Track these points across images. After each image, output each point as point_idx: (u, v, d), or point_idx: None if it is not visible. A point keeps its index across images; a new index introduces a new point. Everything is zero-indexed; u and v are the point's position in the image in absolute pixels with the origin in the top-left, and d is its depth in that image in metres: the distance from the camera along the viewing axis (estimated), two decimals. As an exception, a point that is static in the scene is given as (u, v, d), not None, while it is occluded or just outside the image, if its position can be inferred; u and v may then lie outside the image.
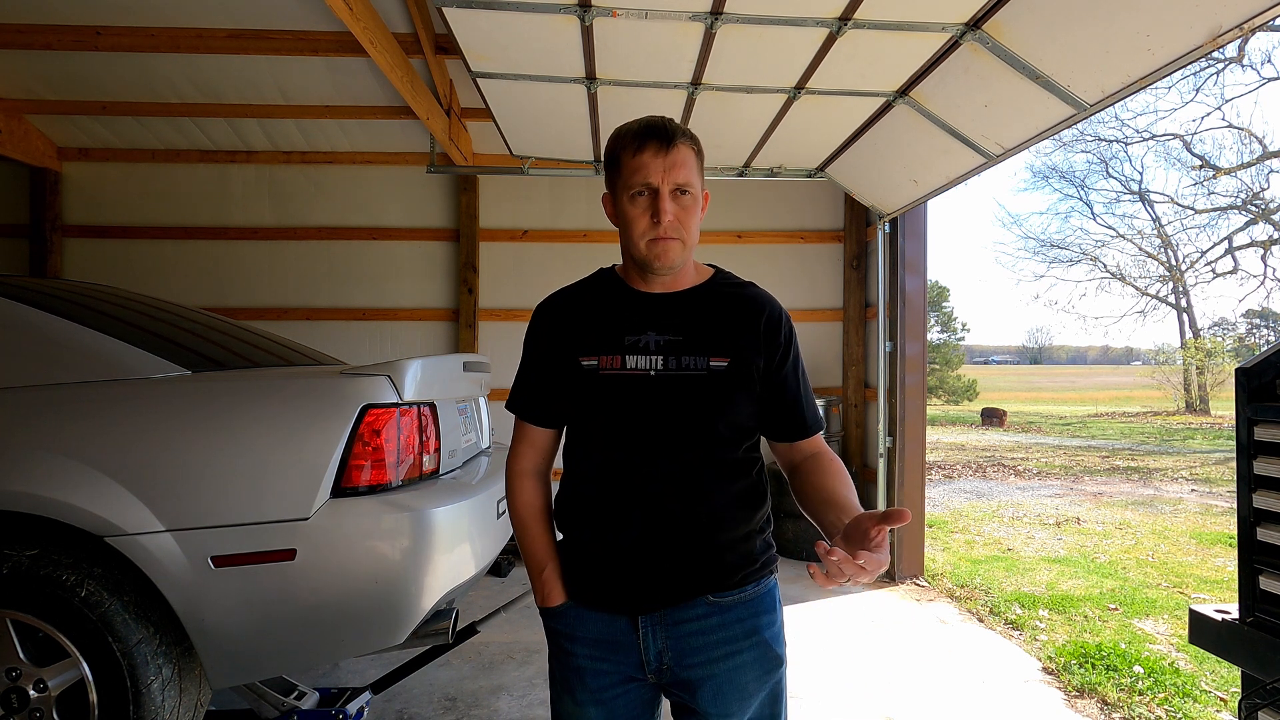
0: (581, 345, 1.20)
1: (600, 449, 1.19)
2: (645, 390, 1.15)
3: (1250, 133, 19.81)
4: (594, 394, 1.18)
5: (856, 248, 5.19)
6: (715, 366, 1.16)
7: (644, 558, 1.16)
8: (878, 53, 2.91)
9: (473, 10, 2.66)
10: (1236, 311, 36.95)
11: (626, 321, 1.19)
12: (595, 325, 1.21)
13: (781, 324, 1.23)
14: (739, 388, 1.17)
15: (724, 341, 1.18)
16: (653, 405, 1.15)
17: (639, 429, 1.16)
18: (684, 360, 1.16)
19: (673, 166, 1.13)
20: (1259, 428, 1.52)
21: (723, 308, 1.21)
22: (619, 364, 1.17)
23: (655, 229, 1.14)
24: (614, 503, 1.17)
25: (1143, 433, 16.02)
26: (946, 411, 21.91)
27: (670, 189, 1.13)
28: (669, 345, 1.17)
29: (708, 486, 1.16)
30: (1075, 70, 2.56)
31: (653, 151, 1.13)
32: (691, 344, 1.17)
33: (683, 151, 1.14)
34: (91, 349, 1.93)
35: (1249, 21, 2.04)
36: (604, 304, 1.23)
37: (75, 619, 1.74)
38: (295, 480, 1.80)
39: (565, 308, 1.25)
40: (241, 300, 5.07)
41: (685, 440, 1.16)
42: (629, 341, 1.18)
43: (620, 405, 1.16)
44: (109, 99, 4.51)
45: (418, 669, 2.42)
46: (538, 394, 1.26)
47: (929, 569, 4.64)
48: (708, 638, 1.16)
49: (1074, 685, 2.97)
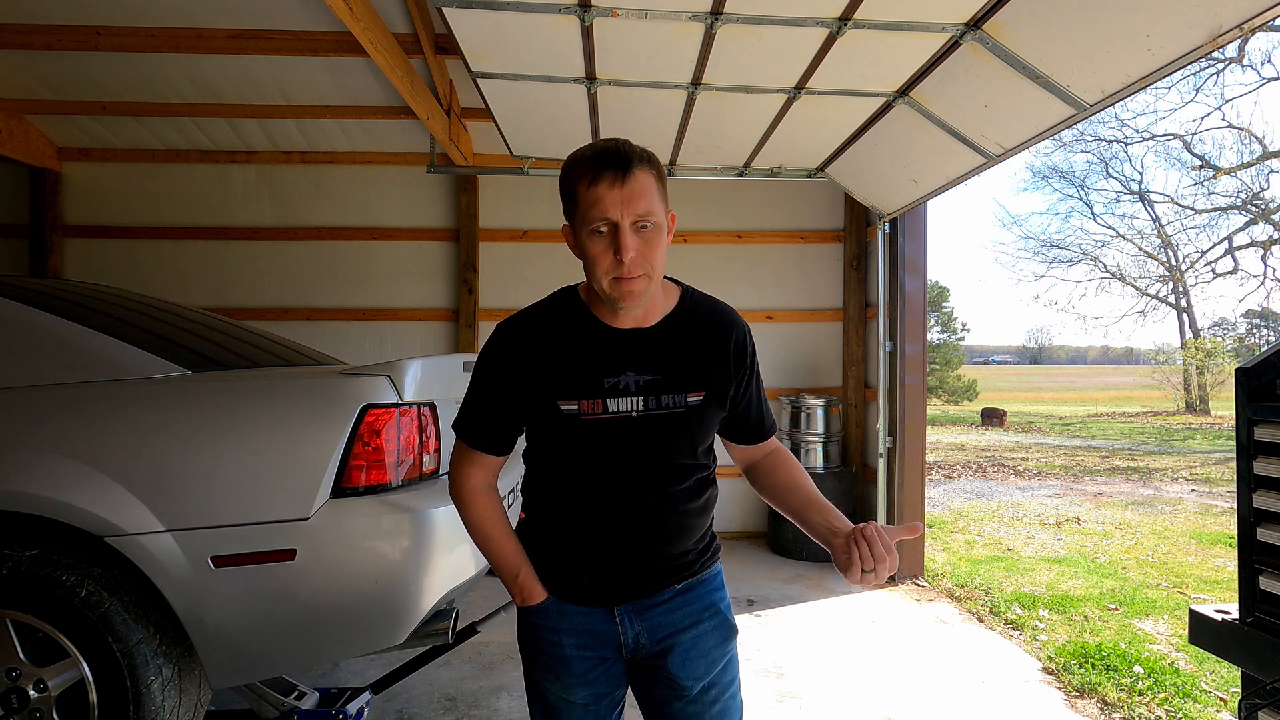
0: (558, 388, 1.18)
1: (582, 481, 1.22)
2: (628, 431, 1.18)
3: (1250, 133, 19.82)
4: (577, 437, 1.19)
5: (856, 248, 5.19)
6: (693, 402, 1.20)
7: (623, 568, 1.22)
8: (878, 53, 2.91)
9: (472, 10, 2.66)
10: (1236, 312, 36.94)
11: (603, 362, 1.18)
12: (570, 366, 1.18)
13: (747, 345, 1.27)
14: (712, 415, 1.23)
15: (698, 376, 1.21)
16: (636, 444, 1.18)
17: (622, 466, 1.20)
18: (664, 400, 1.18)
19: (631, 198, 1.08)
20: (1259, 428, 1.52)
21: (693, 338, 1.23)
22: (600, 408, 1.17)
23: (619, 268, 1.10)
24: (596, 524, 1.21)
25: (1143, 433, 16.02)
26: (946, 411, 21.90)
27: (631, 222, 1.09)
28: (648, 385, 1.18)
29: (683, 506, 1.22)
30: (1075, 70, 2.56)
31: (608, 182, 1.08)
32: (669, 382, 1.19)
33: (641, 179, 1.09)
34: (92, 349, 1.93)
35: (1249, 21, 2.04)
36: (576, 341, 1.20)
37: (75, 619, 1.74)
38: (295, 480, 1.80)
39: (532, 342, 1.20)
40: (242, 300, 5.08)
41: (665, 471, 1.21)
42: (608, 384, 1.17)
43: (604, 447, 1.19)
44: (109, 99, 4.52)
45: (418, 669, 2.42)
46: (493, 424, 1.24)
47: (929, 569, 4.64)
48: (674, 614, 1.25)
49: (1074, 685, 2.97)
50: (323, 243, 5.14)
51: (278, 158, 5.11)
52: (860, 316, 5.17)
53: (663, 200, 1.15)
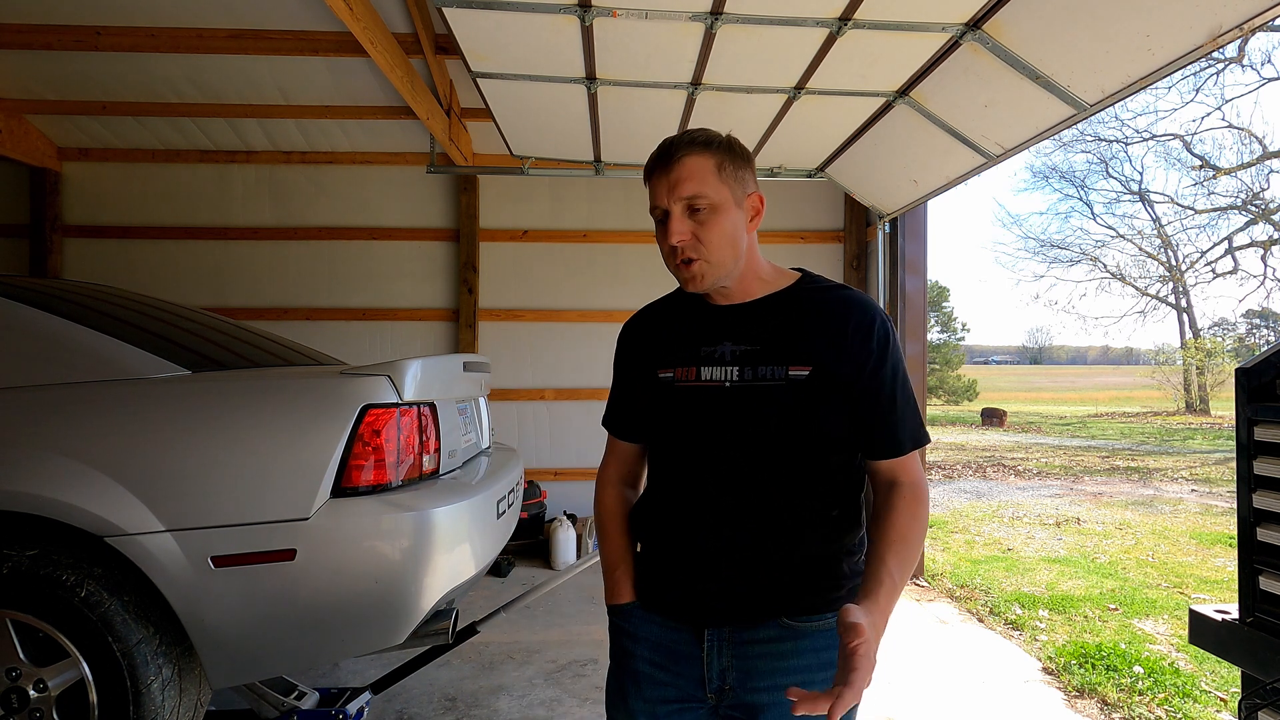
0: (659, 358, 1.19)
1: (677, 460, 1.17)
2: (720, 402, 1.11)
3: (1250, 133, 19.86)
4: (670, 406, 1.16)
5: (857, 248, 5.19)
6: (795, 376, 1.09)
7: (712, 570, 1.11)
8: (878, 53, 2.91)
9: (473, 10, 2.66)
10: (1236, 312, 36.97)
11: (703, 333, 1.17)
12: (672, 338, 1.20)
13: (874, 329, 1.11)
14: (821, 398, 1.09)
15: (805, 349, 1.10)
16: (728, 417, 1.11)
17: (714, 440, 1.12)
18: (760, 370, 1.10)
19: (676, 184, 1.09)
20: (1259, 428, 1.52)
21: (806, 314, 1.13)
22: (694, 375, 1.14)
23: (675, 254, 1.12)
24: (688, 513, 1.14)
25: (1143, 433, 16.02)
26: (946, 411, 21.91)
27: (679, 208, 1.09)
28: (745, 355, 1.12)
29: (784, 502, 1.10)
30: (1075, 70, 2.56)
31: (658, 175, 1.11)
32: (769, 353, 1.11)
33: (689, 163, 1.09)
34: (91, 349, 1.93)
35: (1249, 21, 2.04)
36: (682, 317, 1.21)
37: (75, 619, 1.74)
38: (295, 480, 1.80)
39: (646, 324, 1.26)
40: (242, 300, 5.07)
41: (761, 453, 1.10)
42: (704, 352, 1.15)
43: (695, 417, 1.13)
44: (109, 99, 4.51)
45: (417, 669, 2.42)
46: (622, 409, 1.29)
47: (929, 569, 4.64)
48: (778, 663, 1.09)
49: (1074, 685, 2.97)
50: (323, 243, 5.14)
51: (278, 158, 5.11)
52: (860, 316, 5.16)
53: (727, 182, 1.11)
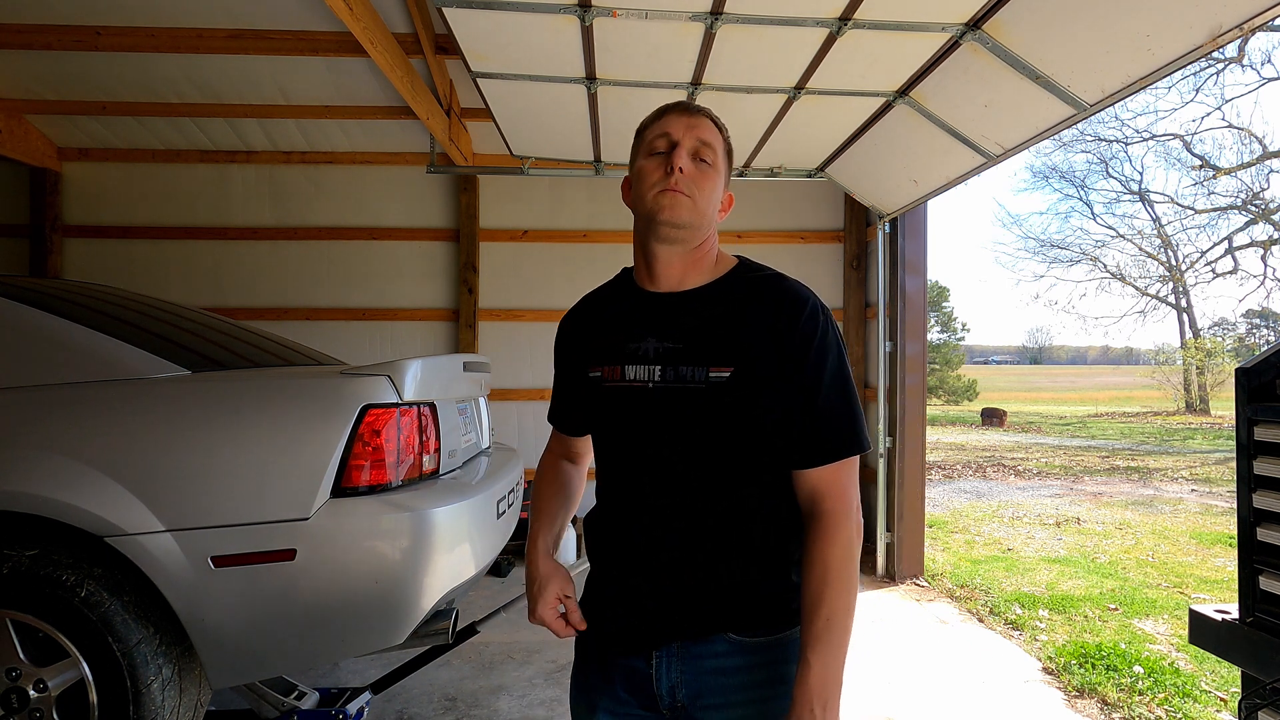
0: (590, 355, 1.13)
1: (611, 461, 1.11)
2: (644, 403, 1.04)
3: (1250, 133, 19.85)
4: (598, 406, 1.11)
5: (856, 248, 5.19)
6: (715, 378, 1.00)
7: (651, 583, 1.04)
8: (878, 53, 2.91)
9: (472, 10, 2.66)
10: (1236, 311, 36.96)
11: (630, 327, 1.09)
12: (602, 332, 1.13)
13: (800, 319, 1.01)
14: (745, 402, 1.00)
15: (728, 347, 1.02)
16: (652, 420, 1.04)
17: (643, 443, 1.05)
18: (681, 371, 1.02)
19: (696, 126, 1.06)
20: (1259, 428, 1.52)
21: (733, 306, 1.05)
22: (619, 375, 1.07)
23: (666, 180, 1.04)
24: (620, 527, 1.08)
25: (1143, 433, 16.02)
26: (946, 411, 21.90)
27: (691, 146, 1.05)
28: (667, 354, 1.04)
29: (720, 509, 1.02)
30: (1075, 70, 2.56)
31: (677, 114, 1.08)
32: (691, 352, 1.03)
33: (708, 125, 1.08)
34: (91, 349, 1.93)
35: (1249, 21, 2.04)
36: (610, 307, 1.15)
37: (75, 619, 1.74)
38: (295, 480, 1.80)
39: (581, 317, 1.19)
40: (242, 300, 5.07)
41: (691, 457, 1.02)
42: (629, 349, 1.07)
43: (623, 419, 1.07)
44: (109, 99, 4.51)
45: (418, 669, 2.42)
46: (561, 402, 1.25)
47: (929, 569, 4.64)
48: (730, 679, 1.02)
49: (1074, 685, 2.97)
50: (322, 243, 5.14)
51: (278, 158, 5.11)
52: (860, 316, 5.17)
53: (725, 161, 1.11)
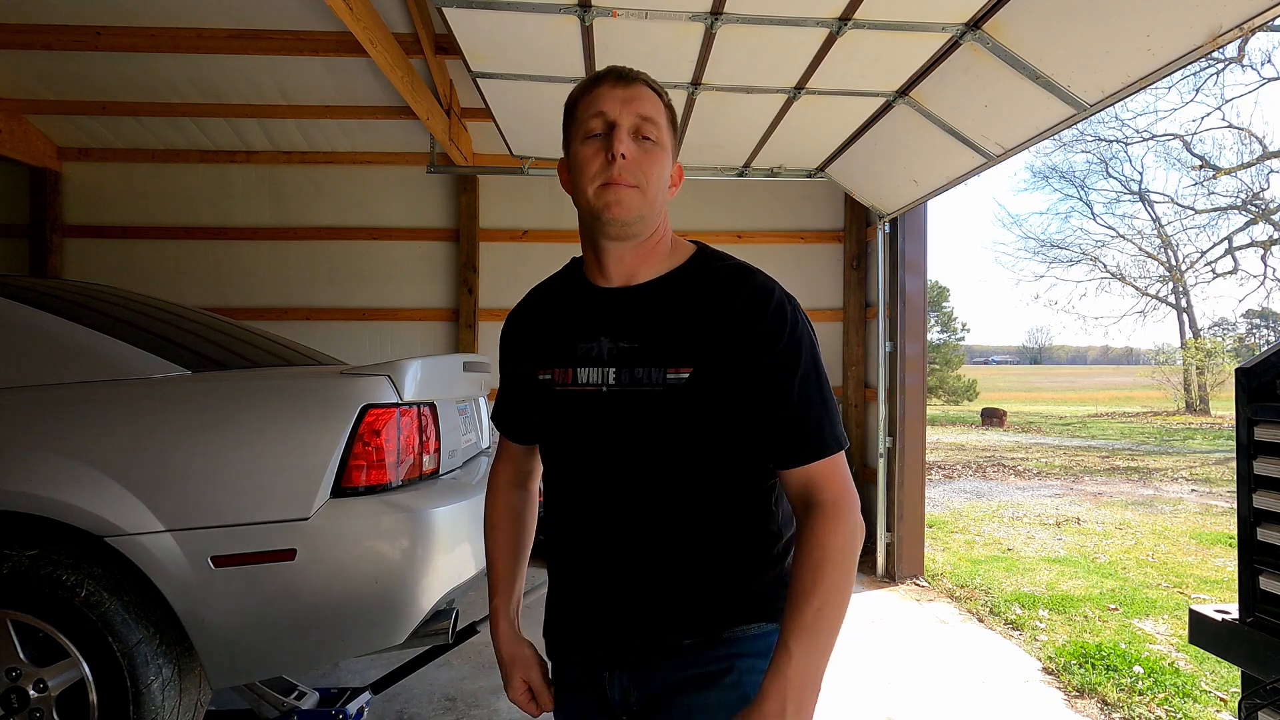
0: (539, 357, 1.04)
1: (560, 474, 1.04)
2: (598, 409, 0.97)
3: (1250, 133, 19.84)
4: (549, 412, 1.02)
5: (856, 248, 5.19)
6: (673, 380, 0.93)
7: (604, 597, 0.99)
8: (878, 53, 2.91)
9: (473, 10, 2.66)
10: (1236, 312, 36.98)
11: (581, 325, 1.00)
12: (551, 331, 1.04)
13: (766, 313, 0.93)
14: (706, 404, 0.93)
15: (687, 346, 0.93)
16: (607, 427, 0.97)
17: (597, 451, 0.98)
18: (637, 373, 0.94)
19: (634, 99, 0.94)
20: (1259, 428, 1.52)
21: (692, 300, 0.96)
22: (570, 378, 0.99)
23: (607, 170, 0.92)
24: (573, 535, 1.02)
25: (1143, 433, 16.02)
26: (946, 411, 21.90)
27: (630, 124, 0.93)
28: (622, 354, 0.96)
29: (678, 518, 0.96)
30: (1075, 70, 2.56)
31: (609, 86, 0.95)
32: (647, 352, 0.94)
33: (645, 93, 0.96)
34: (91, 349, 1.93)
35: (1249, 21, 2.04)
36: (560, 304, 1.05)
37: (75, 619, 1.74)
38: (295, 480, 1.80)
39: (527, 315, 1.10)
40: (241, 300, 5.07)
41: (647, 466, 0.96)
42: (581, 350, 0.98)
43: (576, 425, 0.99)
44: (109, 99, 4.51)
45: (417, 669, 2.42)
46: (507, 407, 1.15)
47: (929, 569, 4.64)
48: (679, 673, 0.97)
49: (1074, 685, 2.97)
50: (322, 243, 5.14)
51: (278, 158, 5.11)
52: (860, 316, 5.17)
53: (668, 132, 0.98)
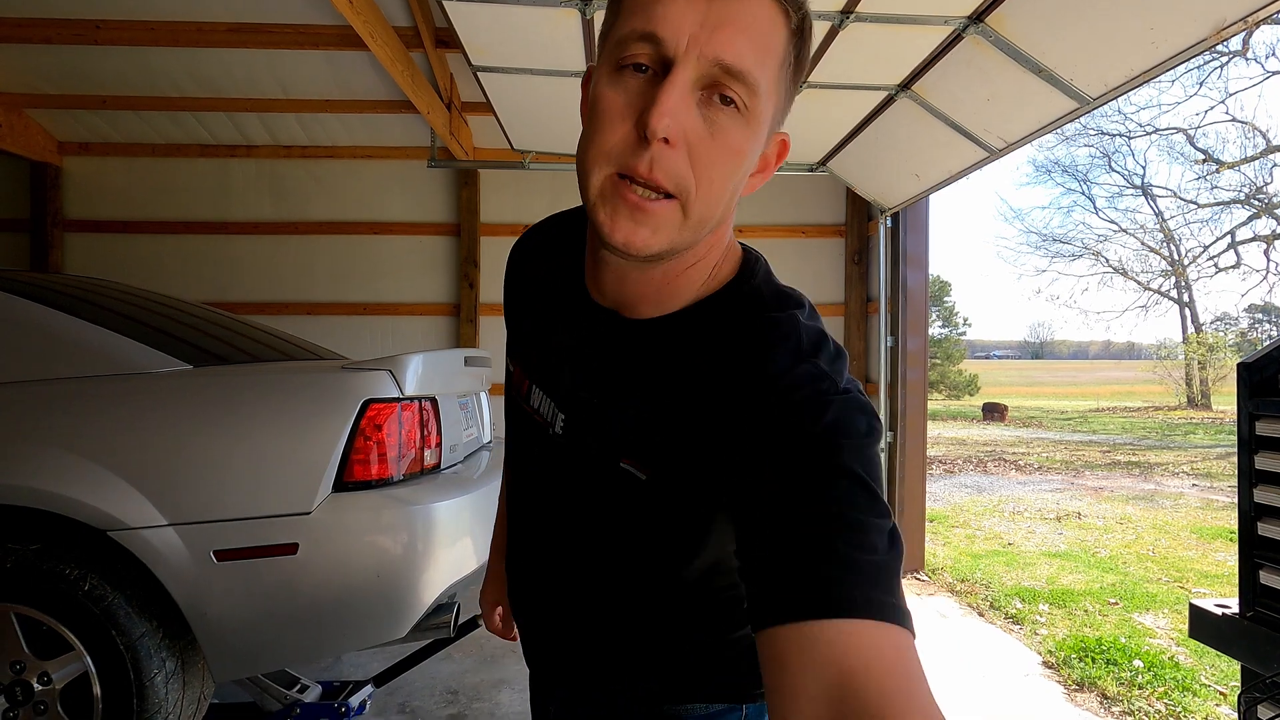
0: (517, 332, 0.82)
1: (514, 480, 0.84)
2: (546, 451, 0.74)
3: (1254, 126, 19.79)
4: (508, 408, 0.83)
5: (858, 242, 5.18)
6: (628, 471, 0.65)
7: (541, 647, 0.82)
8: (880, 46, 2.90)
9: (474, 4, 2.65)
10: (1239, 306, 36.92)
11: (557, 328, 0.75)
12: (534, 309, 0.79)
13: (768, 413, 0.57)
14: (672, 515, 0.65)
15: (652, 437, 0.64)
16: (550, 478, 0.75)
17: (538, 496, 0.78)
18: (586, 440, 0.69)
19: (722, 22, 0.52)
20: (1260, 422, 1.52)
21: (683, 370, 0.63)
22: (525, 391, 0.77)
23: (632, 155, 0.55)
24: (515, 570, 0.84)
25: (1144, 427, 16.02)
26: (948, 406, 21.90)
27: (703, 70, 0.53)
28: (578, 405, 0.70)
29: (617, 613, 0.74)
30: (1078, 64, 2.54)
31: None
32: (603, 422, 0.67)
33: (759, 11, 0.54)
34: (93, 344, 1.93)
35: (1253, 14, 2.02)
36: (556, 279, 0.77)
37: (79, 613, 1.75)
38: (297, 475, 1.81)
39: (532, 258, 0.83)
40: (242, 295, 5.08)
41: (584, 545, 0.73)
42: (542, 362, 0.75)
43: (523, 449, 0.79)
44: (109, 93, 4.51)
45: (420, 662, 2.43)
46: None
47: (929, 563, 4.65)
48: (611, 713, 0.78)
49: (1074, 679, 2.97)
50: (323, 237, 5.14)
51: (278, 152, 5.10)
52: (862, 311, 5.16)
53: (784, 86, 0.59)
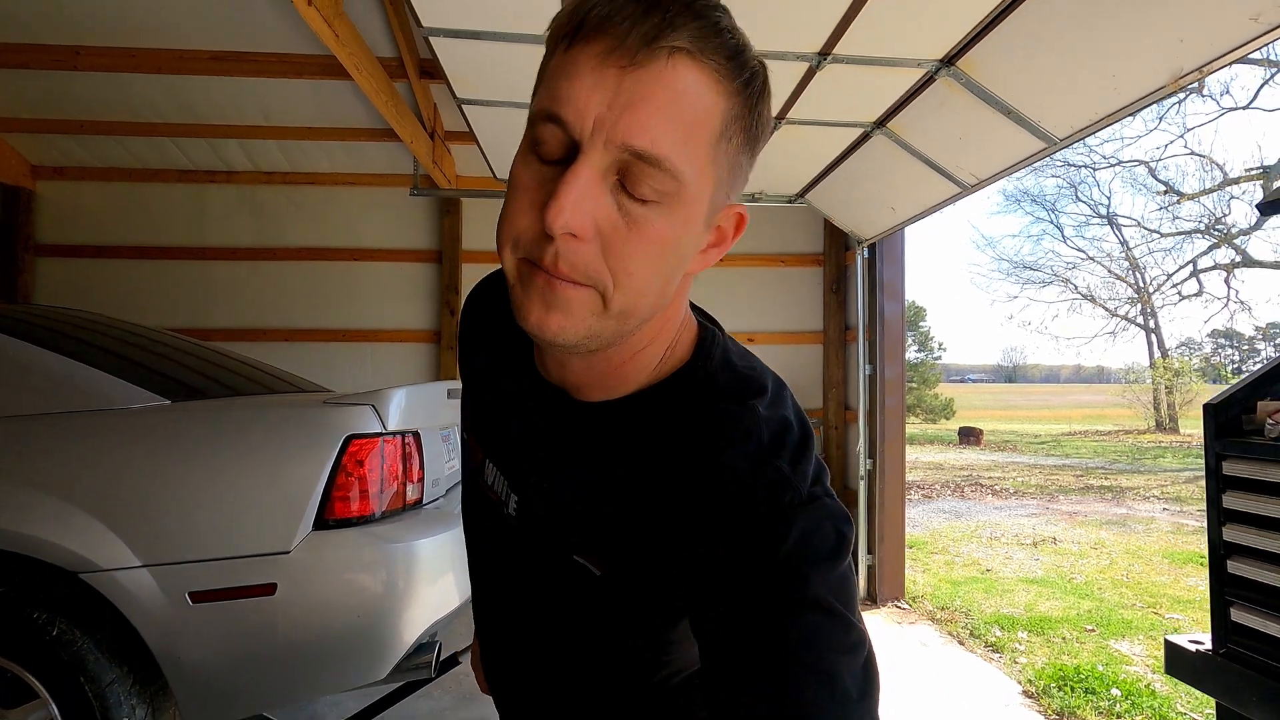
0: (472, 399, 0.78)
1: (470, 557, 0.80)
2: (500, 531, 0.71)
3: (1211, 160, 20.56)
4: (465, 486, 0.80)
5: (836, 271, 5.26)
6: (581, 565, 0.62)
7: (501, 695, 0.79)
8: (856, 86, 2.98)
9: (459, 40, 2.68)
10: (1202, 332, 37.98)
11: (508, 403, 0.70)
12: (489, 376, 0.74)
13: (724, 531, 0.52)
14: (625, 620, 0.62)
15: (603, 533, 0.61)
16: (503, 560, 0.72)
17: (494, 577, 0.75)
18: (539, 530, 0.66)
19: (638, 101, 0.47)
20: (1227, 462, 1.56)
21: (632, 463, 0.59)
22: (479, 461, 0.74)
23: (539, 245, 0.50)
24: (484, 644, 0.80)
25: (1115, 451, 16.31)
26: (924, 430, 22.13)
27: (612, 157, 0.48)
28: (530, 489, 0.66)
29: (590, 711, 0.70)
30: (1045, 106, 2.64)
31: (602, 50, 0.47)
32: (554, 511, 0.64)
33: (679, 75, 0.48)
34: (65, 377, 1.90)
35: (1209, 65, 2.12)
36: (507, 348, 0.71)
37: (45, 658, 1.69)
38: (276, 513, 1.78)
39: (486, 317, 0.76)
40: (220, 321, 5.01)
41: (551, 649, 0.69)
42: (497, 437, 0.71)
43: (471, 520, 0.77)
44: (87, 118, 4.46)
45: (398, 701, 2.38)
46: None
47: (910, 591, 4.66)
48: None
49: (1054, 708, 2.99)
50: (303, 263, 5.10)
51: (258, 178, 5.08)
52: (840, 339, 5.23)
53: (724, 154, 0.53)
